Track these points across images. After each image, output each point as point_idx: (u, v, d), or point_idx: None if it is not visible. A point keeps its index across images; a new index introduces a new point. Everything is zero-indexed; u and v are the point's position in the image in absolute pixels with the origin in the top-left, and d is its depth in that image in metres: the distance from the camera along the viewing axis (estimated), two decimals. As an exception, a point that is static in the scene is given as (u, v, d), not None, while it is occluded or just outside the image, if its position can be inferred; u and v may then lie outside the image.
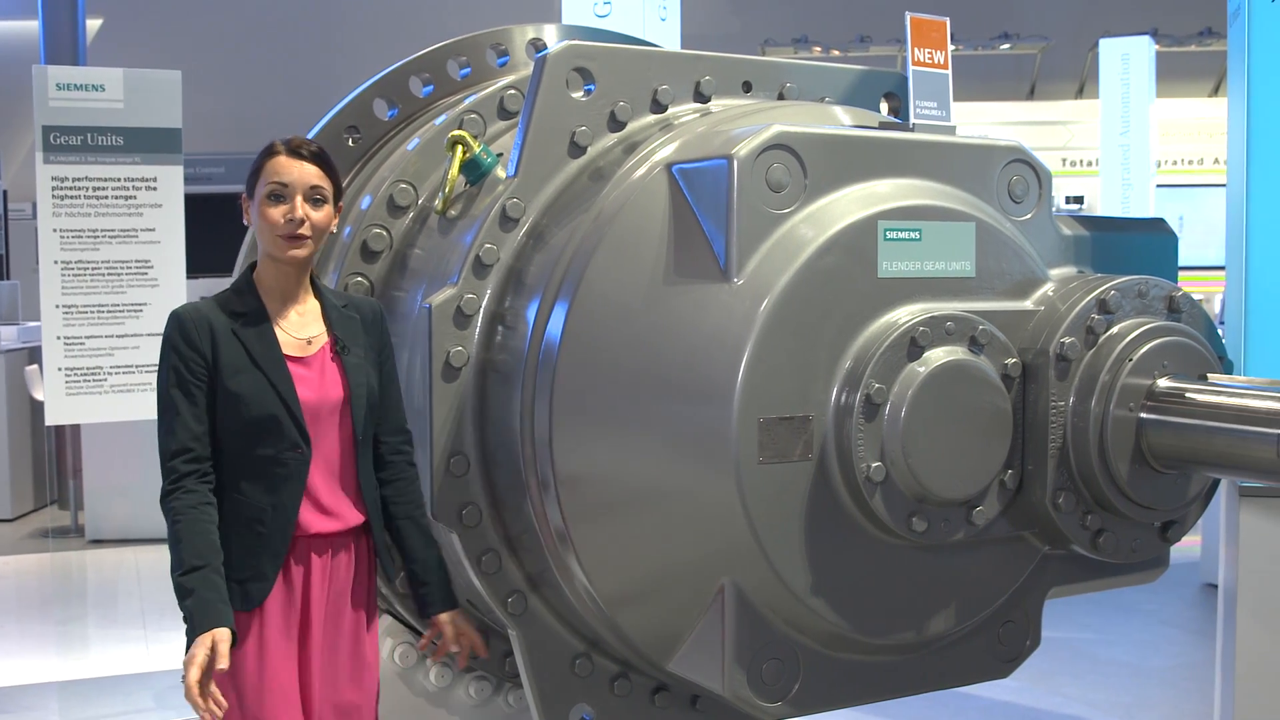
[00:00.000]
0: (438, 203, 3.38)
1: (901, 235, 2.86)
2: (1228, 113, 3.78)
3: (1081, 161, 13.76)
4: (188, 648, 2.75)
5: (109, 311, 5.04)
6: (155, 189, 4.79)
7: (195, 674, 2.69)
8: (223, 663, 2.71)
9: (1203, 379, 3.02)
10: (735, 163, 2.70)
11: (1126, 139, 11.36)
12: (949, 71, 3.13)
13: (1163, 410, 2.96)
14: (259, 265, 3.02)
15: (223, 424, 2.90)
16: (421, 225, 3.49)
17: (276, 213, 2.89)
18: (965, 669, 3.21)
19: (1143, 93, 11.37)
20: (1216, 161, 13.36)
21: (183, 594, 2.79)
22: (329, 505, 2.98)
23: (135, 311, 4.79)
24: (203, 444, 2.88)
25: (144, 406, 4.77)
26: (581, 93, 3.14)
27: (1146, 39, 11.53)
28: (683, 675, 2.95)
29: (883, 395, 2.73)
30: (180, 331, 2.90)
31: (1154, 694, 5.46)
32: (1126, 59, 11.43)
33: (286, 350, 2.95)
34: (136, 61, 5.21)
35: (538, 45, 4.03)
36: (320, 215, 2.94)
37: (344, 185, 3.98)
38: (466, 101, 3.54)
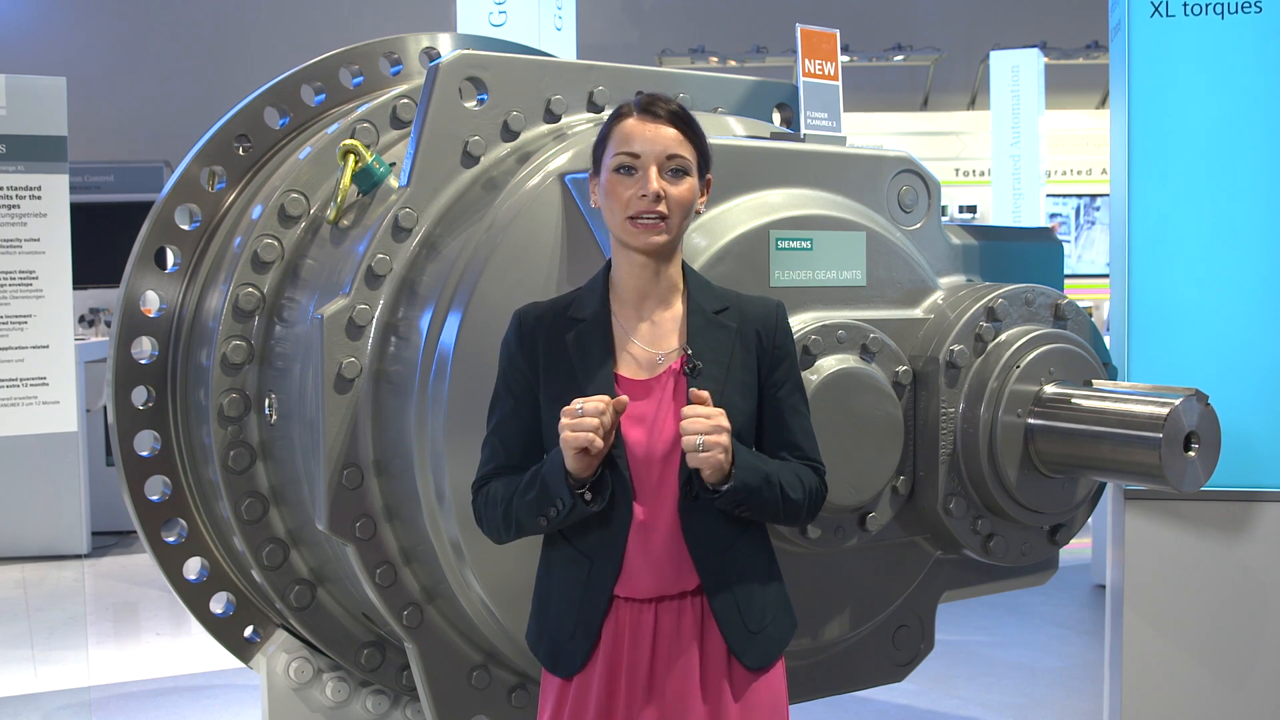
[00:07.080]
0: (330, 212, 3.35)
1: (793, 244, 2.89)
2: (1110, 124, 3.86)
3: (974, 171, 13.99)
4: (550, 510, 2.30)
5: (-8, 324, 4.92)
6: (40, 198, 4.67)
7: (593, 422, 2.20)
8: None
9: (1088, 385, 3.08)
10: (628, 172, 2.70)
11: (1017, 149, 11.56)
12: (839, 83, 3.16)
13: (1049, 416, 3.02)
14: (613, 259, 2.44)
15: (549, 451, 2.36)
16: (313, 235, 3.46)
17: (624, 188, 2.33)
18: (862, 674, 3.24)
19: (1032, 104, 11.59)
20: (1104, 172, 13.65)
21: (526, 493, 2.32)
22: (645, 571, 2.35)
23: (19, 324, 4.66)
24: (517, 473, 2.38)
25: (29, 422, 4.65)
26: (474, 102, 3.13)
27: (1036, 52, 11.75)
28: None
29: (776, 403, 2.74)
30: (512, 337, 2.44)
31: (1047, 694, 5.55)
32: (1016, 71, 11.63)
33: (624, 371, 2.36)
34: (19, 67, 5.07)
35: (431, 54, 4.01)
36: (680, 190, 2.33)
37: (233, 196, 3.96)
38: (359, 110, 3.52)
